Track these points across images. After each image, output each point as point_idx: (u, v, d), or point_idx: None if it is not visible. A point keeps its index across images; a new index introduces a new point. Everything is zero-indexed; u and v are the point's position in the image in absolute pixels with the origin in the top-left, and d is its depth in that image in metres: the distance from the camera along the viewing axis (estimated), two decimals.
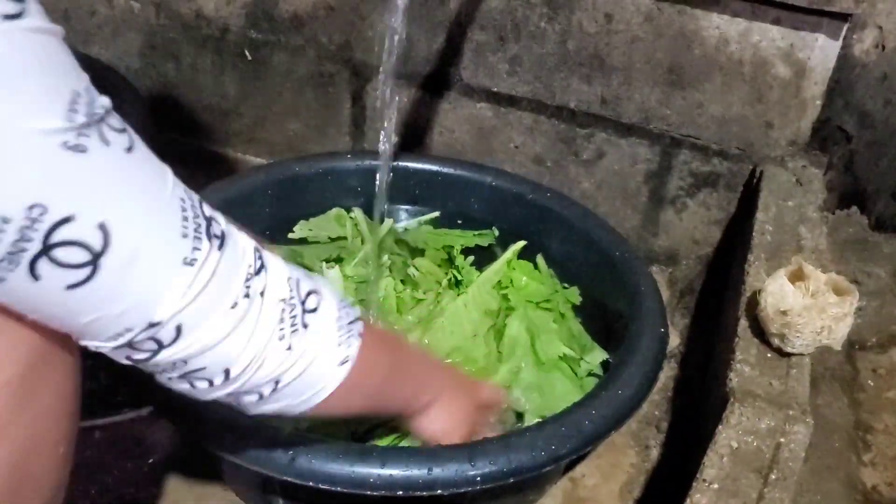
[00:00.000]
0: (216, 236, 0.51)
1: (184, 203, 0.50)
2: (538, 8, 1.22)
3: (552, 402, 0.99)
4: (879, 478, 1.03)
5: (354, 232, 1.21)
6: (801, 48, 1.13)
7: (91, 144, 0.44)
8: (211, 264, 0.50)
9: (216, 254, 0.51)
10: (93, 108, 0.44)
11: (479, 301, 1.08)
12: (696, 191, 1.28)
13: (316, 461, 0.76)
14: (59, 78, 0.43)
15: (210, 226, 0.51)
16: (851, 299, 0.85)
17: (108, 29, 1.52)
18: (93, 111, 0.44)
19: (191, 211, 0.50)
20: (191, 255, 0.49)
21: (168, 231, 0.48)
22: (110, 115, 0.46)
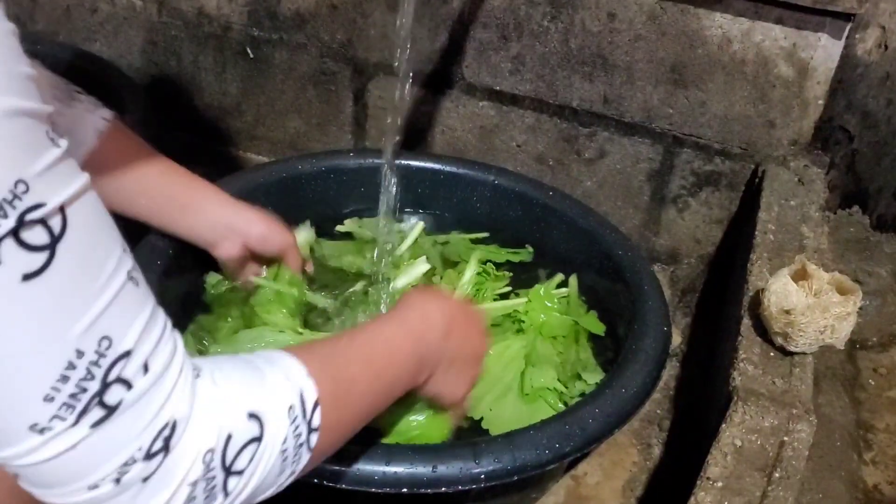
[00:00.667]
0: (105, 406, 0.44)
1: (77, 359, 0.42)
2: (541, 6, 1.22)
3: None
4: (881, 476, 1.04)
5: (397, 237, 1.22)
6: (804, 48, 1.13)
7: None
8: (68, 440, 0.43)
9: (82, 431, 0.43)
10: (4, 213, 0.39)
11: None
12: (698, 190, 1.28)
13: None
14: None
15: (102, 393, 0.44)
16: (854, 298, 0.86)
17: (109, 26, 1.52)
18: (14, 213, 0.39)
19: (82, 370, 0.43)
20: (44, 424, 0.42)
21: (25, 389, 0.42)
22: (32, 225, 0.40)
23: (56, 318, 0.41)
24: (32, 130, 0.40)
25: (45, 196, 0.40)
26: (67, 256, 0.41)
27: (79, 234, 0.42)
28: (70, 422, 0.43)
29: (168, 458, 0.47)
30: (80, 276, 0.42)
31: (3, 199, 0.38)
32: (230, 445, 0.50)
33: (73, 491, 0.45)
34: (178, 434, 0.47)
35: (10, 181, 0.39)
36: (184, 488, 0.48)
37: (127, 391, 0.45)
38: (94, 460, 0.45)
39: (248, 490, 0.52)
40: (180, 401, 0.48)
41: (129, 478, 0.46)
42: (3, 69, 0.39)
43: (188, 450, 0.48)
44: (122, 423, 0.45)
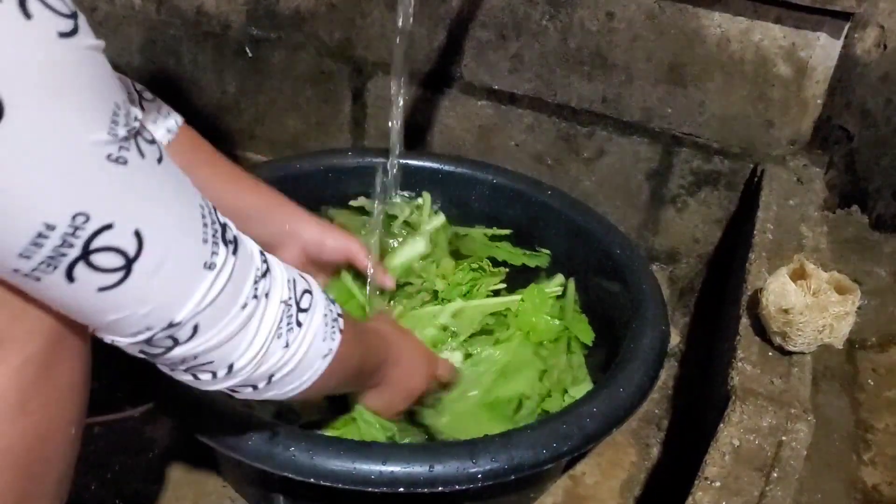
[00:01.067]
0: (230, 241, 0.55)
1: (203, 210, 0.53)
2: (540, 6, 1.22)
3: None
4: (880, 477, 1.04)
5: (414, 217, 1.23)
6: (803, 47, 1.13)
7: (130, 157, 0.46)
8: (228, 268, 0.54)
9: (231, 258, 0.54)
10: (130, 121, 0.46)
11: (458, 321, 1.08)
12: (696, 189, 1.28)
13: (317, 458, 0.76)
14: (103, 92, 0.45)
15: (225, 231, 0.54)
16: (853, 298, 0.85)
17: (108, 25, 1.52)
18: (130, 124, 0.46)
19: (209, 217, 0.53)
20: (210, 260, 0.52)
21: (192, 237, 0.51)
22: (143, 127, 0.48)
23: (184, 184, 0.52)
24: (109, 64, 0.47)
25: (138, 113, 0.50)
26: (163, 148, 0.51)
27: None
28: (222, 253, 0.53)
29: (271, 275, 0.59)
30: (174, 168, 0.52)
31: (125, 113, 0.46)
32: (297, 285, 0.62)
33: (233, 315, 0.55)
34: (269, 264, 0.60)
35: (122, 99, 0.46)
36: (282, 306, 0.60)
37: (232, 231, 0.56)
38: (242, 280, 0.55)
39: (310, 334, 0.63)
40: (257, 248, 0.60)
41: (260, 291, 0.57)
42: (84, 18, 0.44)
43: (278, 274, 0.60)
44: (243, 250, 0.56)
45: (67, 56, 0.42)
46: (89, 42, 0.44)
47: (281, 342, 0.60)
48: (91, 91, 0.44)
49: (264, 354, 0.59)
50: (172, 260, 0.50)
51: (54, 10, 0.42)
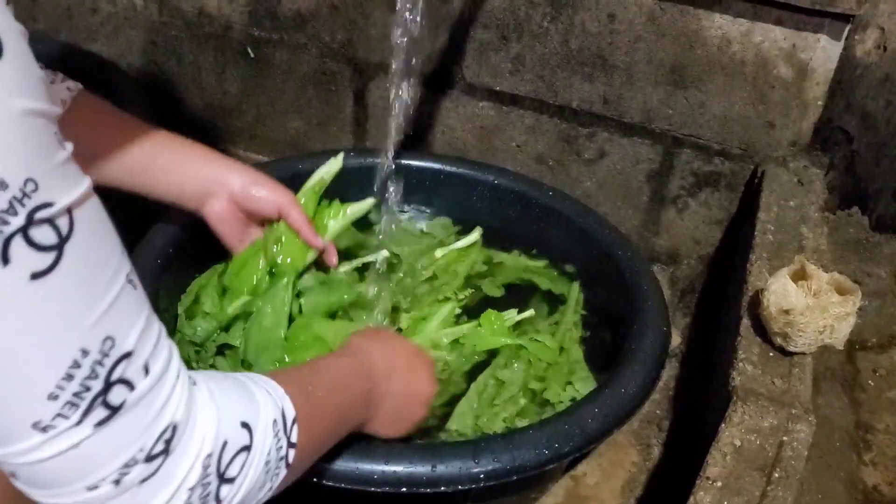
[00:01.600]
0: (108, 406, 0.44)
1: (82, 357, 0.43)
2: (541, 7, 1.22)
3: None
4: (880, 477, 1.04)
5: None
6: (803, 49, 1.13)
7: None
8: (71, 439, 0.43)
9: (85, 430, 0.44)
10: (13, 211, 0.39)
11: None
12: (697, 190, 1.29)
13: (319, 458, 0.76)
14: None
15: (106, 393, 0.44)
16: (854, 299, 0.86)
17: (110, 26, 1.52)
18: (8, 216, 0.39)
19: (87, 369, 0.43)
20: (48, 422, 0.42)
21: (30, 387, 0.42)
22: (41, 224, 0.40)
23: (63, 318, 0.42)
24: (43, 131, 0.41)
25: (54, 196, 0.41)
26: (74, 257, 0.42)
27: (84, 235, 0.43)
28: (74, 420, 0.43)
29: (168, 460, 0.47)
30: (85, 277, 0.43)
31: (14, 197, 0.39)
32: (225, 452, 0.51)
33: (72, 491, 0.45)
34: (178, 437, 0.48)
35: (21, 179, 0.39)
36: (182, 493, 0.48)
37: (129, 391, 0.45)
38: (96, 461, 0.45)
39: (237, 500, 0.53)
40: (179, 404, 0.48)
41: (129, 479, 0.46)
42: (19, 71, 0.39)
43: (188, 453, 0.49)
44: (125, 424, 0.45)
45: None
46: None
47: None
48: None
49: None
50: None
51: None
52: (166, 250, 1.00)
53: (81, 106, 0.83)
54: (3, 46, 0.38)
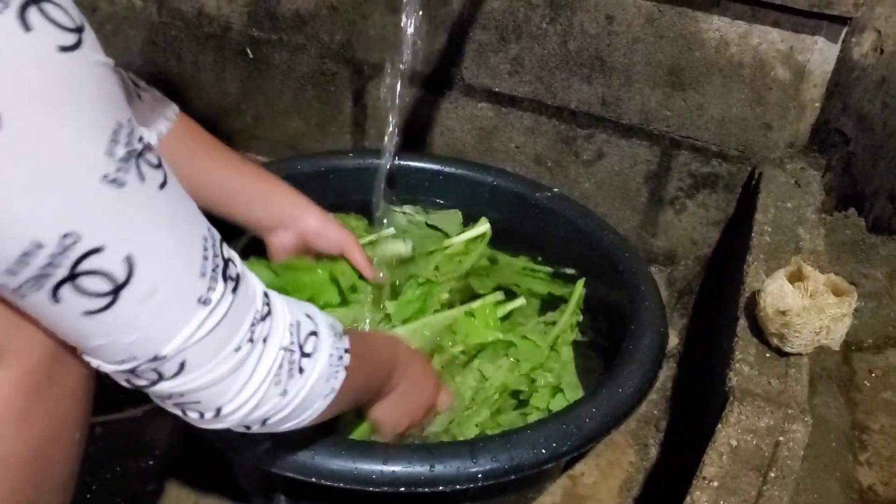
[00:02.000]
0: (231, 278, 0.53)
1: (206, 242, 0.51)
2: (540, 9, 1.23)
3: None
4: (875, 477, 1.04)
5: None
6: (801, 51, 1.14)
7: (128, 179, 0.45)
8: (223, 306, 0.52)
9: (229, 296, 0.52)
10: (132, 141, 0.46)
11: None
12: (695, 192, 1.29)
13: (319, 457, 0.77)
14: (105, 109, 0.44)
15: (227, 267, 0.53)
16: (850, 300, 0.86)
17: (109, 26, 1.52)
18: (132, 145, 0.45)
19: (211, 250, 0.52)
20: (206, 295, 0.51)
21: (189, 269, 0.50)
22: (148, 149, 0.47)
23: (188, 212, 0.51)
24: (116, 79, 0.46)
25: (146, 135, 0.48)
26: (170, 174, 0.50)
27: (167, 167, 0.51)
28: (220, 290, 0.52)
29: (272, 319, 0.57)
30: (180, 187, 0.51)
31: (128, 132, 0.46)
32: (301, 329, 0.60)
33: (224, 357, 0.53)
34: (272, 303, 0.58)
35: (125, 118, 0.46)
36: (281, 352, 0.57)
37: (235, 267, 0.54)
38: (238, 321, 0.53)
39: (312, 380, 0.60)
40: (261, 288, 0.57)
41: (256, 335, 0.55)
42: (90, 34, 0.44)
43: (280, 318, 0.58)
44: (244, 291, 0.54)
45: (67, 70, 0.42)
46: (94, 58, 0.43)
47: (278, 389, 0.57)
48: (91, 108, 0.43)
49: (259, 401, 0.56)
50: (164, 291, 0.48)
51: (56, 23, 0.41)
52: None
53: (179, 129, 0.90)
54: (84, 21, 0.44)
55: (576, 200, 1.24)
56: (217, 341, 0.52)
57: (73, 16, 0.43)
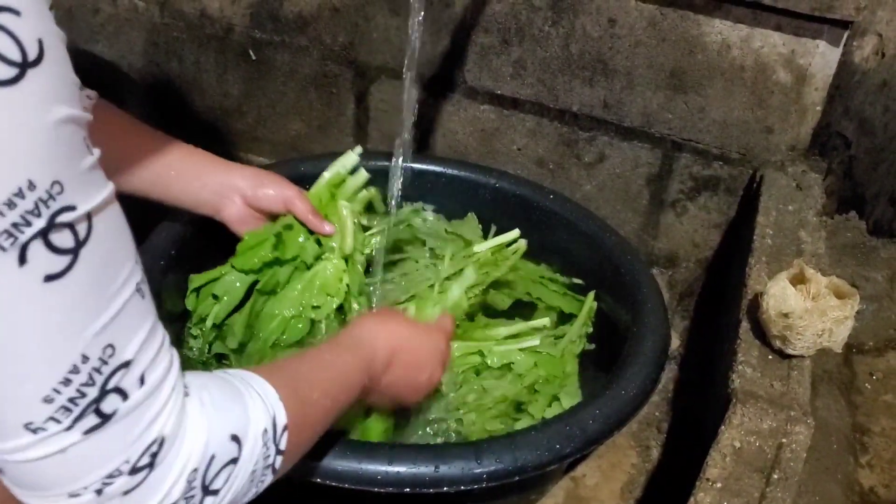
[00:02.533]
0: (100, 414, 0.44)
1: (81, 363, 0.43)
2: (542, 11, 1.23)
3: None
4: (877, 480, 1.05)
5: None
6: (802, 54, 1.14)
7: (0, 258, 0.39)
8: (59, 443, 0.44)
9: (74, 436, 0.44)
10: (37, 212, 0.39)
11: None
12: (696, 194, 1.29)
13: (323, 458, 0.77)
14: (14, 164, 0.38)
15: (100, 401, 0.44)
16: (852, 302, 0.86)
17: (111, 27, 1.53)
18: (31, 217, 0.39)
19: (84, 375, 0.43)
20: (39, 424, 0.43)
21: (27, 387, 0.42)
22: (61, 228, 0.41)
23: (68, 323, 0.42)
24: (74, 136, 0.41)
25: (77, 200, 0.41)
26: (88, 263, 0.42)
27: (100, 241, 0.43)
28: (65, 425, 0.43)
29: (152, 474, 0.47)
30: (95, 284, 0.43)
31: (39, 199, 0.39)
32: (212, 466, 0.50)
33: (54, 496, 0.45)
34: (165, 451, 0.48)
35: (48, 181, 0.40)
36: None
37: (122, 401, 0.45)
38: (81, 468, 0.45)
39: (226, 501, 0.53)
40: (170, 418, 0.48)
41: (112, 490, 0.46)
42: (58, 77, 0.40)
43: (173, 468, 0.48)
44: (114, 434, 0.45)
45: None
46: (31, 102, 0.38)
47: None
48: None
49: None
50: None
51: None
52: (169, 251, 1.01)
53: (99, 115, 0.83)
54: (44, 52, 0.39)
55: (577, 202, 1.24)
56: (42, 474, 0.44)
57: (27, 48, 0.38)
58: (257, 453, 0.55)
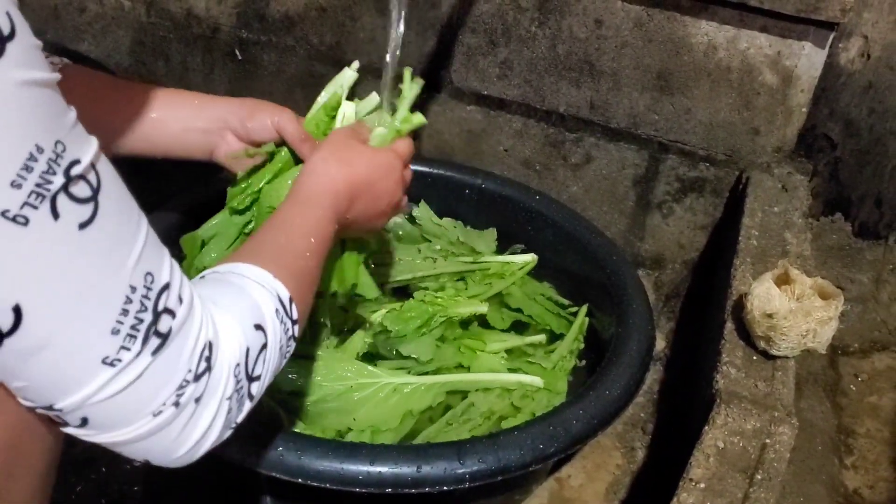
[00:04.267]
0: (160, 335, 0.48)
1: (132, 293, 0.46)
2: (529, 12, 1.23)
3: None
4: (861, 481, 1.05)
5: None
6: (788, 56, 1.14)
7: (35, 217, 0.41)
8: (136, 369, 0.47)
9: (146, 358, 0.47)
10: (55, 169, 0.42)
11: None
12: (682, 196, 1.29)
13: (305, 458, 0.76)
14: (20, 133, 0.40)
15: (157, 322, 0.48)
16: (836, 303, 0.86)
17: (98, 26, 1.52)
18: (49, 176, 0.42)
19: (137, 303, 0.46)
20: (114, 355, 0.46)
21: (94, 326, 0.45)
22: (77, 180, 0.43)
23: (110, 259, 0.45)
24: (53, 97, 0.43)
25: (79, 153, 0.44)
26: (108, 205, 0.45)
27: (110, 185, 0.46)
28: (135, 351, 0.47)
29: (211, 376, 0.52)
30: (120, 222, 0.46)
31: (49, 159, 0.42)
32: (249, 357, 0.55)
33: (140, 421, 0.48)
34: (215, 354, 0.52)
35: (52, 142, 0.42)
36: (224, 403, 0.53)
37: (172, 319, 0.49)
38: (157, 386, 0.48)
39: (264, 387, 0.58)
40: (209, 325, 0.52)
41: (185, 398, 0.50)
42: (28, 47, 0.41)
43: (223, 367, 0.53)
44: (174, 349, 0.49)
45: None
46: (18, 75, 0.40)
47: (226, 423, 0.54)
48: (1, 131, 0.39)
49: (201, 438, 0.52)
50: (58, 347, 0.44)
51: None
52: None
53: (69, 77, 0.81)
54: (15, 25, 0.40)
55: (564, 203, 1.24)
56: (126, 404, 0.47)
57: (1, 25, 0.39)
58: (279, 331, 0.59)
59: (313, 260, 0.69)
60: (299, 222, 0.71)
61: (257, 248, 0.66)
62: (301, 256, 0.67)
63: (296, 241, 0.68)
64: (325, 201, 0.74)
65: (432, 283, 1.14)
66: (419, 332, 1.04)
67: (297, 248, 0.68)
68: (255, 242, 0.68)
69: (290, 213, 0.72)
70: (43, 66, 0.42)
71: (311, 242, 0.70)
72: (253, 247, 0.67)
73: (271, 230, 0.69)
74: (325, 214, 0.73)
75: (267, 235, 0.69)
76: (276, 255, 0.65)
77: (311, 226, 0.71)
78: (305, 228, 0.71)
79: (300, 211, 0.73)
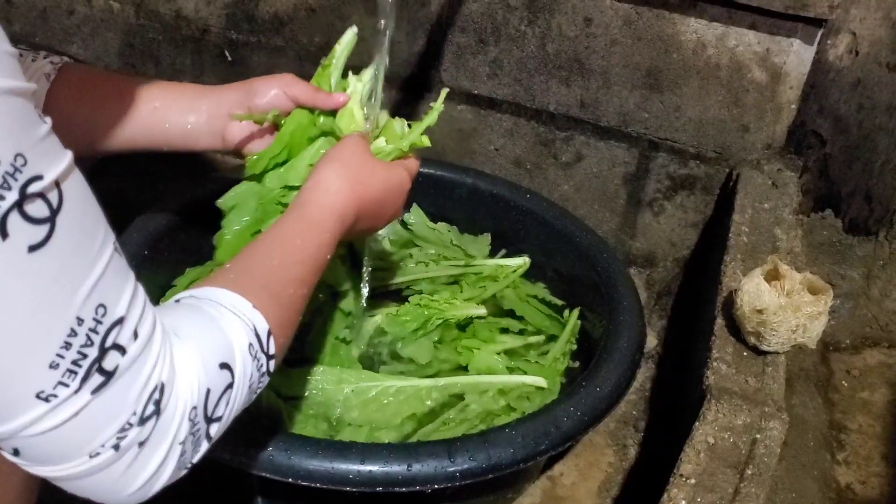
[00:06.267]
0: (103, 372, 0.45)
1: (78, 326, 0.44)
2: (518, 11, 1.23)
3: None
4: (853, 476, 1.05)
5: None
6: (777, 53, 1.14)
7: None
8: (72, 406, 0.45)
9: (84, 397, 0.45)
10: (7, 186, 0.40)
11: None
12: (673, 193, 1.30)
13: (295, 457, 0.76)
14: None
15: (101, 359, 0.45)
16: (826, 298, 0.87)
17: (86, 28, 1.51)
18: (2, 191, 0.40)
19: (83, 337, 0.44)
20: (50, 391, 0.43)
21: (32, 356, 0.43)
22: (33, 198, 0.41)
23: (59, 288, 0.43)
24: (24, 107, 0.41)
25: (42, 169, 0.42)
26: (66, 228, 0.43)
27: (73, 206, 0.44)
28: (73, 388, 0.44)
29: (160, 420, 0.49)
30: (77, 248, 0.44)
31: (6, 173, 0.40)
32: (210, 399, 0.52)
33: (74, 461, 0.46)
34: (167, 396, 0.49)
35: (11, 155, 0.40)
36: (175, 447, 0.50)
37: (121, 356, 0.46)
38: (95, 427, 0.46)
39: (225, 427, 0.55)
40: (164, 365, 0.49)
41: (127, 443, 0.47)
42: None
43: (176, 411, 0.50)
44: (119, 389, 0.46)
45: None
46: None
47: (179, 463, 0.51)
48: None
49: (148, 481, 0.50)
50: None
51: None
52: (142, 251, 1.00)
53: (68, 76, 0.80)
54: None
55: (554, 202, 1.24)
56: (59, 442, 0.45)
57: None
58: (250, 369, 0.56)
59: (304, 288, 0.65)
60: (300, 245, 0.68)
61: (244, 268, 0.63)
62: (291, 284, 0.64)
63: (290, 266, 0.65)
64: (333, 225, 0.71)
65: (426, 286, 1.15)
66: (416, 334, 1.04)
67: (289, 276, 0.64)
68: (245, 260, 0.64)
69: (291, 232, 0.69)
70: (15, 75, 0.41)
71: (307, 270, 0.66)
72: (240, 266, 0.63)
73: (266, 248, 0.66)
74: (328, 239, 0.70)
75: (258, 253, 0.65)
76: (263, 281, 0.62)
77: (310, 253, 0.68)
78: (304, 255, 0.67)
79: (302, 232, 0.69)
